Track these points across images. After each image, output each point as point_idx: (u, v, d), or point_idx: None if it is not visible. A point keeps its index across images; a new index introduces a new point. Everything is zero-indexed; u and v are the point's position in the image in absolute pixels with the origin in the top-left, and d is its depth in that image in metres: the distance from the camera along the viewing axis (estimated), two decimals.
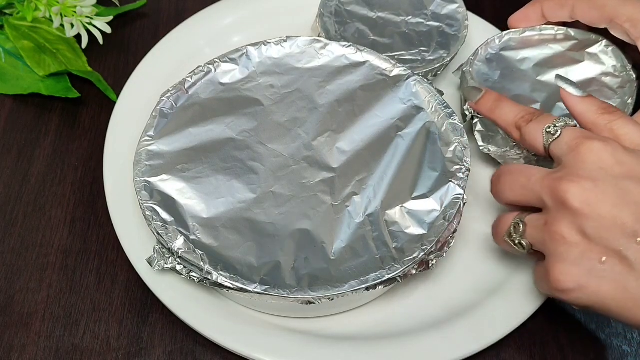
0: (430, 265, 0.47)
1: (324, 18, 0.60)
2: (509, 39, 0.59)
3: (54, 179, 0.57)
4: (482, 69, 0.58)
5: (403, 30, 0.61)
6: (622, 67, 0.57)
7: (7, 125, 0.60)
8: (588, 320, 0.52)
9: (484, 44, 0.59)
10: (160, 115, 0.52)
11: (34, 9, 0.62)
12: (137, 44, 0.66)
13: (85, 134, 0.60)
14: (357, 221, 0.48)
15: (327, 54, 0.56)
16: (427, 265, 0.47)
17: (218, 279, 0.45)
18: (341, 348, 0.48)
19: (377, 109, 0.54)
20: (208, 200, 0.49)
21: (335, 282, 0.45)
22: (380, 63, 0.56)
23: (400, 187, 0.50)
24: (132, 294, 0.52)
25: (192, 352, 0.49)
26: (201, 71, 0.55)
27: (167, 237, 0.47)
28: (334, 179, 0.50)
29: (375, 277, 0.45)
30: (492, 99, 0.52)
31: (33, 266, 0.53)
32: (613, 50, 0.57)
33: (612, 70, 0.57)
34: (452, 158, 0.50)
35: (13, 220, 0.55)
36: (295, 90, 0.55)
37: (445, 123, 0.52)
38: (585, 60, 0.58)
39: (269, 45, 0.56)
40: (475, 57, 0.58)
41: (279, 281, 0.46)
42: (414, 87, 0.54)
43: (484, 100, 0.53)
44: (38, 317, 0.50)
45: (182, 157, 0.51)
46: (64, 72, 0.61)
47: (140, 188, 0.49)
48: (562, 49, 0.58)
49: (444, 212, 0.48)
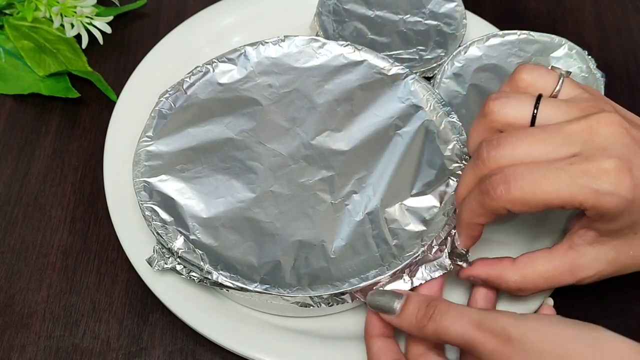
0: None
1: (322, 17, 0.61)
2: (474, 49, 0.59)
3: (54, 179, 0.57)
4: (451, 86, 0.57)
5: (401, 29, 0.61)
6: (587, 69, 0.57)
7: (7, 125, 0.60)
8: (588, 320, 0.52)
9: (449, 59, 0.58)
10: (159, 116, 0.52)
11: (34, 9, 0.62)
12: (137, 44, 0.66)
13: (85, 134, 0.60)
14: (357, 219, 0.49)
15: (325, 53, 0.56)
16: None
17: (218, 279, 0.45)
18: (341, 348, 0.48)
19: (376, 108, 0.54)
20: (207, 200, 0.49)
21: (335, 280, 0.45)
22: (378, 62, 0.56)
23: (399, 185, 0.50)
24: (132, 294, 0.52)
25: (192, 352, 0.49)
26: (199, 71, 0.55)
27: (166, 237, 0.47)
28: (333, 178, 0.50)
29: (376, 274, 0.45)
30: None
31: (33, 266, 0.53)
32: (577, 52, 0.58)
33: (579, 72, 0.57)
34: (450, 156, 0.51)
35: (13, 220, 0.55)
36: (294, 90, 0.55)
37: (444, 121, 0.52)
38: (552, 65, 0.57)
39: (267, 45, 0.56)
40: (442, 74, 0.57)
41: (279, 280, 0.46)
42: (412, 86, 0.54)
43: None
44: (38, 317, 0.51)
45: (181, 157, 0.51)
46: (64, 72, 0.61)
47: (140, 188, 0.49)
48: (528, 54, 0.58)
49: (443, 207, 0.48)
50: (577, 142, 0.41)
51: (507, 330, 0.38)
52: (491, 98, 0.45)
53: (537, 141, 0.42)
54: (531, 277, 0.45)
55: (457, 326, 0.40)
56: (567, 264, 0.45)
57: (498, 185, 0.41)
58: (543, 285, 0.45)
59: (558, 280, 0.45)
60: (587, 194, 0.40)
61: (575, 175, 0.40)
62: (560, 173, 0.40)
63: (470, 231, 0.45)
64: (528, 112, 0.44)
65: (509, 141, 0.42)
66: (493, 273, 0.46)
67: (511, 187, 0.41)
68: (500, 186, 0.41)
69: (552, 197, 0.40)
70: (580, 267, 0.45)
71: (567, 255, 0.45)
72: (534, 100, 0.44)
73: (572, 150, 0.41)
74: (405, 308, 0.43)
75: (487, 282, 0.47)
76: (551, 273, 0.45)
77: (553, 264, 0.45)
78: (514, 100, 0.44)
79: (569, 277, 0.45)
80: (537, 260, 0.45)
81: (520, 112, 0.44)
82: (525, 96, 0.44)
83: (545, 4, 0.71)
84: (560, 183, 0.40)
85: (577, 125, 0.42)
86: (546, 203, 0.41)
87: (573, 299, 0.51)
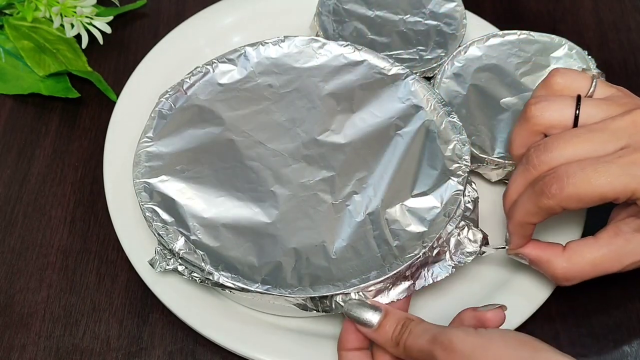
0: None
1: (322, 17, 0.60)
2: (474, 49, 0.59)
3: (54, 179, 0.57)
4: (451, 86, 0.57)
5: (401, 29, 0.61)
6: (587, 68, 0.57)
7: (7, 125, 0.60)
8: (588, 320, 0.52)
9: (449, 59, 0.58)
10: (158, 117, 0.52)
11: (34, 9, 0.62)
12: (137, 44, 0.66)
13: (85, 134, 0.60)
14: (358, 220, 0.49)
15: (325, 53, 0.56)
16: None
17: (219, 279, 0.45)
18: None
19: (376, 108, 0.54)
20: (208, 200, 0.49)
21: (336, 280, 0.45)
22: (379, 62, 0.56)
23: (400, 186, 0.50)
24: (132, 294, 0.52)
25: (192, 352, 0.49)
26: (199, 72, 0.55)
27: (167, 238, 0.47)
28: (333, 178, 0.50)
29: (377, 275, 0.45)
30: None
31: (33, 266, 0.53)
32: (577, 52, 0.58)
33: None
34: (451, 156, 0.51)
35: (13, 220, 0.55)
36: (294, 90, 0.55)
37: (444, 121, 0.52)
38: (552, 65, 0.58)
39: (267, 45, 0.56)
40: (442, 74, 0.57)
41: (280, 281, 0.46)
42: (413, 86, 0.54)
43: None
44: (38, 317, 0.51)
45: (181, 157, 0.51)
46: (64, 72, 0.61)
47: (140, 189, 0.49)
48: (528, 54, 0.58)
49: (444, 208, 0.48)
50: (624, 137, 0.43)
51: (453, 342, 0.40)
52: (531, 102, 0.47)
53: (584, 141, 0.44)
54: (580, 265, 0.46)
55: (420, 341, 0.42)
56: (614, 251, 0.46)
57: (552, 185, 0.43)
58: (590, 273, 0.46)
59: (605, 267, 0.46)
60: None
61: (626, 166, 0.42)
62: (610, 166, 0.42)
63: (523, 231, 0.46)
64: (570, 113, 0.46)
65: (556, 144, 0.44)
66: (543, 256, 0.47)
67: (565, 185, 0.42)
68: (554, 185, 0.43)
69: (606, 189, 0.42)
70: (628, 254, 0.45)
71: (614, 243, 0.46)
72: (574, 101, 0.46)
73: (619, 144, 0.43)
74: (383, 324, 0.44)
75: (534, 264, 0.48)
76: (599, 260, 0.46)
77: (601, 252, 0.46)
78: (555, 103, 0.46)
79: (616, 263, 0.46)
80: (585, 248, 0.46)
81: (563, 114, 0.46)
82: (565, 98, 0.46)
83: (545, 4, 0.71)
84: (611, 175, 0.42)
85: (622, 121, 0.44)
86: (600, 196, 0.42)
87: (575, 296, 0.51)
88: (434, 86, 0.56)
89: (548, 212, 0.44)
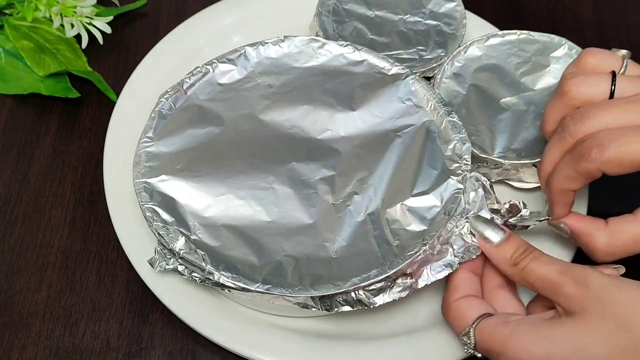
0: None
1: (321, 17, 0.60)
2: (474, 49, 0.59)
3: (54, 179, 0.57)
4: (451, 86, 0.57)
5: (401, 29, 0.61)
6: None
7: (7, 125, 0.60)
8: None
9: (449, 59, 0.58)
10: (158, 117, 0.52)
11: (34, 9, 0.62)
12: (137, 44, 0.66)
13: (85, 134, 0.60)
14: (358, 220, 0.48)
15: (325, 53, 0.56)
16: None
17: (220, 279, 0.45)
18: (341, 348, 0.48)
19: (376, 108, 0.54)
20: (208, 199, 0.49)
21: (337, 280, 0.45)
22: (378, 62, 0.56)
23: (400, 186, 0.50)
24: (132, 294, 0.52)
25: (192, 352, 0.49)
26: (199, 72, 0.55)
27: (168, 238, 0.47)
28: (334, 178, 0.50)
29: (377, 273, 0.45)
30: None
31: (33, 266, 0.53)
32: (577, 52, 0.58)
33: None
34: (451, 156, 0.51)
35: (13, 220, 0.55)
36: (294, 90, 0.55)
37: (444, 121, 0.52)
38: (552, 65, 0.58)
39: (267, 45, 0.56)
40: (442, 74, 0.57)
41: (281, 280, 0.46)
42: (413, 86, 0.54)
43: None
44: (38, 317, 0.51)
45: (181, 157, 0.51)
46: (64, 72, 0.61)
47: (140, 189, 0.49)
48: (527, 54, 0.58)
49: (444, 207, 0.48)
50: None
51: (588, 278, 0.40)
52: (567, 77, 0.47)
53: (621, 110, 0.44)
54: (622, 239, 0.46)
55: (544, 269, 0.42)
56: None
57: (592, 148, 0.43)
58: (631, 249, 0.46)
59: None
60: None
61: None
62: None
63: (564, 198, 0.47)
64: (606, 88, 0.46)
65: (594, 112, 0.45)
66: (585, 228, 0.47)
67: (605, 148, 0.42)
68: (594, 149, 0.43)
69: None
70: None
71: None
72: (610, 76, 0.46)
73: None
74: (505, 243, 0.45)
75: (575, 236, 0.48)
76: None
77: None
78: (591, 78, 0.47)
79: None
80: (626, 224, 0.46)
81: (599, 88, 0.46)
82: (600, 74, 0.47)
83: (545, 3, 0.71)
84: None
85: None
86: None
87: None
88: (434, 86, 0.56)
89: (587, 177, 0.44)
